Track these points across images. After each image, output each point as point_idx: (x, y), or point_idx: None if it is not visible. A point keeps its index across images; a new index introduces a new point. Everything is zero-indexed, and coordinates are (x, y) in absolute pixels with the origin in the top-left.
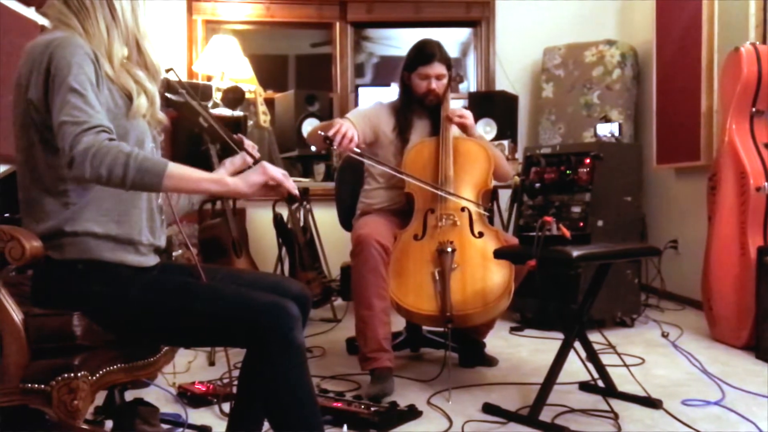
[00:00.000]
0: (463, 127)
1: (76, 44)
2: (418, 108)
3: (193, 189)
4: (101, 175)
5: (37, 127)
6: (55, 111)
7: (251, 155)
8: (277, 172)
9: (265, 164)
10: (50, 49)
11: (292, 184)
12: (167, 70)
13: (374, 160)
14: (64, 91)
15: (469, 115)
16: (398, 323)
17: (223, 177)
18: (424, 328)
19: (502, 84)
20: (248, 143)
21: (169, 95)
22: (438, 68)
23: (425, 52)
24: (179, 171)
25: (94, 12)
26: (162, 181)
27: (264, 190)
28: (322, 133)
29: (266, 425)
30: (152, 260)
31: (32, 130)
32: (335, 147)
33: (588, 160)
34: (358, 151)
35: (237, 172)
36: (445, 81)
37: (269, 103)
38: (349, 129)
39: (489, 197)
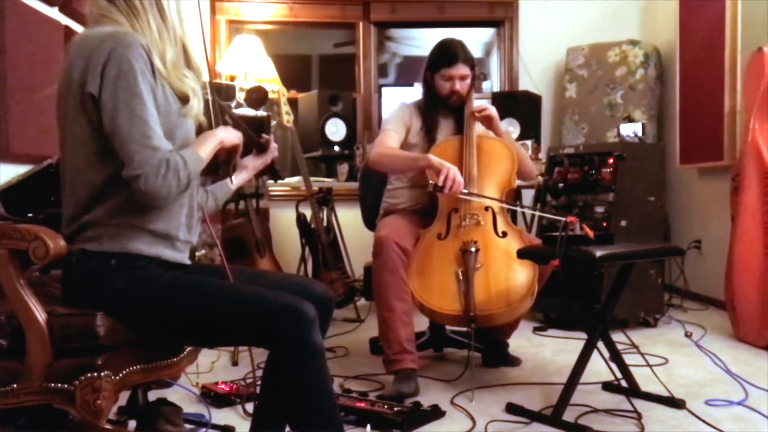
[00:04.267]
0: (488, 121)
1: (135, 42)
2: (442, 108)
3: (209, 155)
4: (176, 197)
5: (90, 119)
6: (120, 118)
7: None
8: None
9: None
10: (109, 44)
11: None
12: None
13: (482, 197)
14: (132, 102)
15: (492, 110)
16: (421, 323)
17: (214, 134)
18: (448, 328)
19: (525, 84)
20: (273, 145)
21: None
22: (462, 69)
23: (448, 53)
24: (200, 155)
25: (144, 13)
26: (198, 170)
27: (223, 150)
28: (432, 183)
29: None
30: (187, 258)
31: (84, 123)
32: (445, 192)
33: (611, 160)
34: (466, 191)
35: (259, 172)
36: (468, 81)
37: (292, 103)
38: (457, 173)
39: (512, 197)
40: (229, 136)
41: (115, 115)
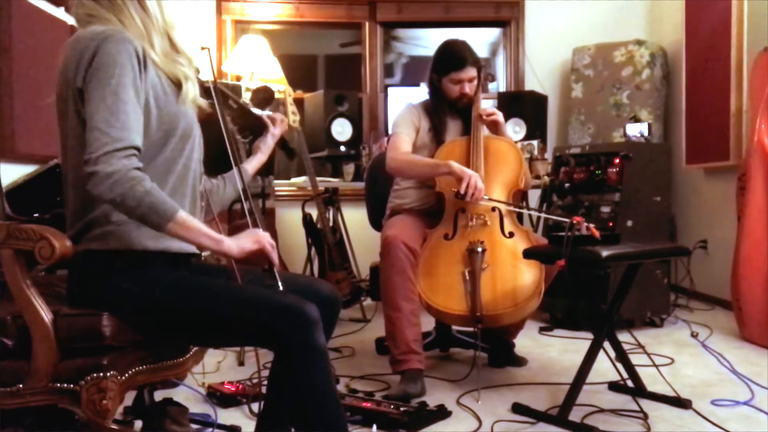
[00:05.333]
0: (494, 125)
1: (125, 39)
2: (449, 109)
3: (191, 240)
4: (114, 199)
5: (81, 116)
6: (90, 107)
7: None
8: (267, 243)
9: (260, 232)
10: (97, 41)
11: (275, 256)
12: (203, 48)
13: (505, 203)
14: (104, 91)
15: (500, 115)
16: (428, 323)
17: (222, 237)
18: (454, 327)
19: (531, 84)
20: (278, 116)
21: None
22: (470, 72)
23: (456, 57)
24: (185, 221)
25: (126, 8)
26: (166, 226)
27: (251, 256)
28: (455, 190)
29: None
30: (192, 247)
31: (78, 119)
32: (467, 199)
33: (617, 160)
34: (486, 198)
35: (271, 154)
36: (475, 82)
37: (299, 103)
38: (478, 180)
39: (520, 197)
40: (243, 245)
41: (89, 105)
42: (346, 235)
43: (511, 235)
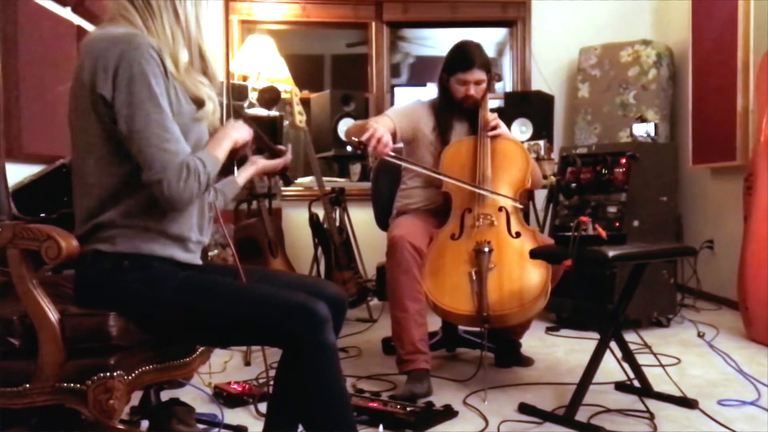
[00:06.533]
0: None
1: (146, 44)
2: (456, 110)
3: (224, 157)
4: (198, 196)
5: (101, 121)
6: (136, 123)
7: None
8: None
9: (247, 127)
10: (119, 48)
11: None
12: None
13: (410, 162)
14: (146, 106)
15: (502, 127)
16: (434, 323)
17: (226, 134)
18: (460, 327)
19: (538, 84)
20: (288, 156)
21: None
22: (477, 74)
23: (465, 59)
24: (213, 159)
25: (159, 14)
26: (216, 172)
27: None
28: (356, 139)
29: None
30: (199, 258)
31: (95, 125)
32: (369, 151)
33: (624, 160)
34: (392, 154)
35: (269, 173)
36: (483, 85)
37: (305, 103)
38: (384, 134)
39: (527, 196)
40: (242, 135)
41: (131, 120)
42: (352, 235)
43: (518, 235)
